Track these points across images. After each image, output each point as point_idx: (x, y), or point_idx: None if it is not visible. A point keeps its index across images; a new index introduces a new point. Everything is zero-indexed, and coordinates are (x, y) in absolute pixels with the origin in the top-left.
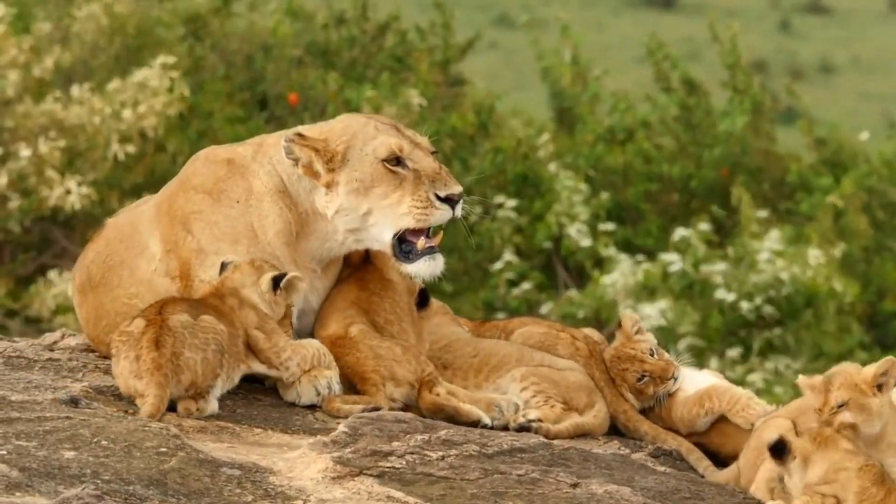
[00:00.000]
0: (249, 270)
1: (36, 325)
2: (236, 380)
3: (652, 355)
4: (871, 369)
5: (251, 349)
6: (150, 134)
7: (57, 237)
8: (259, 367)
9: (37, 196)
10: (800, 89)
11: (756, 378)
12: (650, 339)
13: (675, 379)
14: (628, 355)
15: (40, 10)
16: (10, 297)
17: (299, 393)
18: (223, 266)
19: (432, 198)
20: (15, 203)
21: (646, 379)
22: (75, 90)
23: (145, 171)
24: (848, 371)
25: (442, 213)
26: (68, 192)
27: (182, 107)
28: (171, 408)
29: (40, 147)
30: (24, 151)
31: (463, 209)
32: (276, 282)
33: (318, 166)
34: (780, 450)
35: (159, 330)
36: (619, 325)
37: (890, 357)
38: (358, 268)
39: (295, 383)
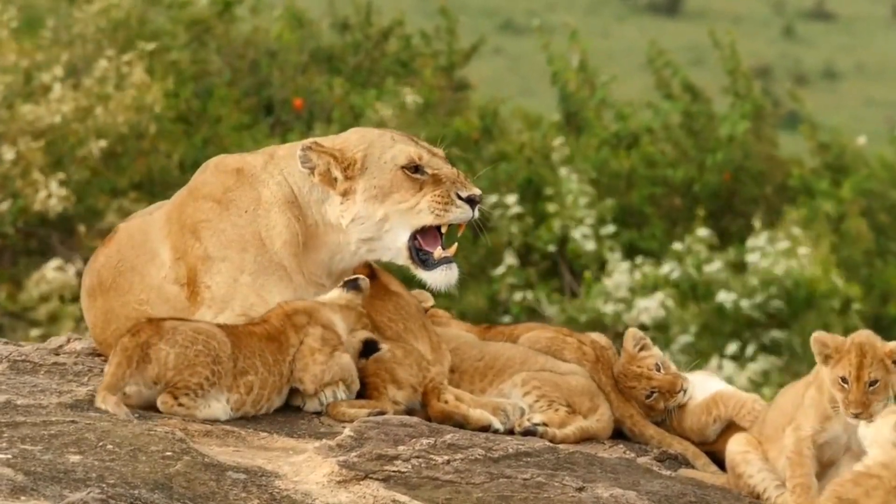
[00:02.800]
0: (355, 318)
1: (24, 318)
2: (277, 403)
3: (658, 370)
4: (893, 344)
5: (296, 357)
6: (124, 130)
7: (54, 242)
8: (294, 383)
9: (23, 199)
10: (804, 95)
11: (746, 377)
12: (656, 354)
13: (685, 391)
14: (634, 373)
15: (48, 14)
16: (9, 300)
17: (304, 399)
18: (353, 283)
19: (453, 196)
20: (5, 206)
21: (655, 395)
22: (56, 90)
23: (141, 171)
24: (875, 344)
25: (462, 212)
26: (50, 195)
27: (164, 104)
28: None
29: (20, 146)
30: (8, 154)
31: (479, 211)
32: (367, 349)
33: (336, 173)
34: None
35: (148, 324)
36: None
37: None
38: None
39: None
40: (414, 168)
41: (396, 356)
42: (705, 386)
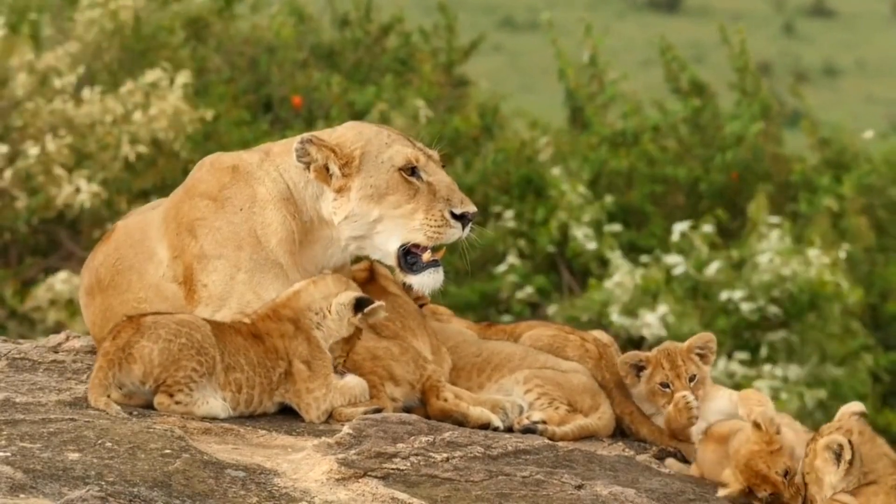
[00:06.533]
0: (333, 282)
1: (31, 324)
2: (270, 408)
3: (691, 381)
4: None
5: (287, 376)
6: (161, 136)
7: (63, 240)
8: (286, 398)
9: (44, 195)
10: (804, 92)
11: (763, 385)
12: (704, 370)
13: (686, 416)
14: (674, 362)
15: (43, 14)
16: (16, 298)
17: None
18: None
19: (447, 216)
20: (22, 202)
21: (666, 390)
22: (86, 92)
23: (156, 177)
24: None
25: (454, 232)
26: (77, 190)
27: (198, 124)
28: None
29: (48, 145)
30: (33, 150)
31: (471, 231)
32: (359, 303)
33: (334, 168)
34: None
35: (128, 323)
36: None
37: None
38: (361, 285)
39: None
40: (411, 170)
41: (393, 353)
42: (717, 406)
